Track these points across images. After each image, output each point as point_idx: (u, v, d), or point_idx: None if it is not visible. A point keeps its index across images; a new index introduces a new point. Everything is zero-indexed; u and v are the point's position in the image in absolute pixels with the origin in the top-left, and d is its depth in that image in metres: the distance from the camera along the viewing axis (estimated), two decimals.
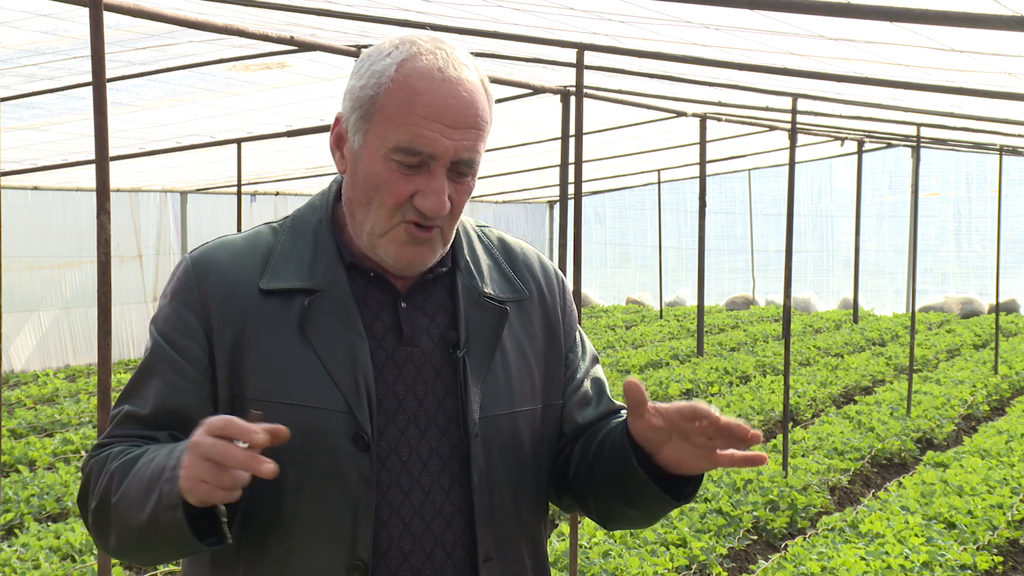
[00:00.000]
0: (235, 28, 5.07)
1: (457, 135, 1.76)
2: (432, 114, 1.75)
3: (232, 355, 1.80)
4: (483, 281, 1.91)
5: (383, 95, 1.77)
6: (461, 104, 1.77)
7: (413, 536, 1.79)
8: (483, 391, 1.84)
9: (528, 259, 2.01)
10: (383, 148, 1.77)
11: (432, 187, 1.76)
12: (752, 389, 11.35)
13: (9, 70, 6.99)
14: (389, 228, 1.80)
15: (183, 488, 1.60)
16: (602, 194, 21.76)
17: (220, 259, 1.85)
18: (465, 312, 1.87)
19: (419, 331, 1.85)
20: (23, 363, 13.53)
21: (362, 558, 1.76)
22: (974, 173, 19.49)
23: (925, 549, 6.06)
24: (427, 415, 1.83)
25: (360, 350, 1.80)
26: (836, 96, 8.34)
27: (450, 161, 1.77)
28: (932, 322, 18.20)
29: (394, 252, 1.81)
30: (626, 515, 1.90)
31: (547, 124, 11.01)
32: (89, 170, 11.43)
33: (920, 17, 3.92)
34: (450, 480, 1.82)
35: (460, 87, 1.77)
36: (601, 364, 2.10)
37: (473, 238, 1.96)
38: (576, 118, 5.64)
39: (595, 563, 5.82)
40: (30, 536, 6.42)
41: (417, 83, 1.76)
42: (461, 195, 1.81)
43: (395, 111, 1.76)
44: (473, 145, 1.78)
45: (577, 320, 2.06)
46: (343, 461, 1.77)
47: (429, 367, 1.84)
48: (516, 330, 1.92)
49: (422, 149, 1.75)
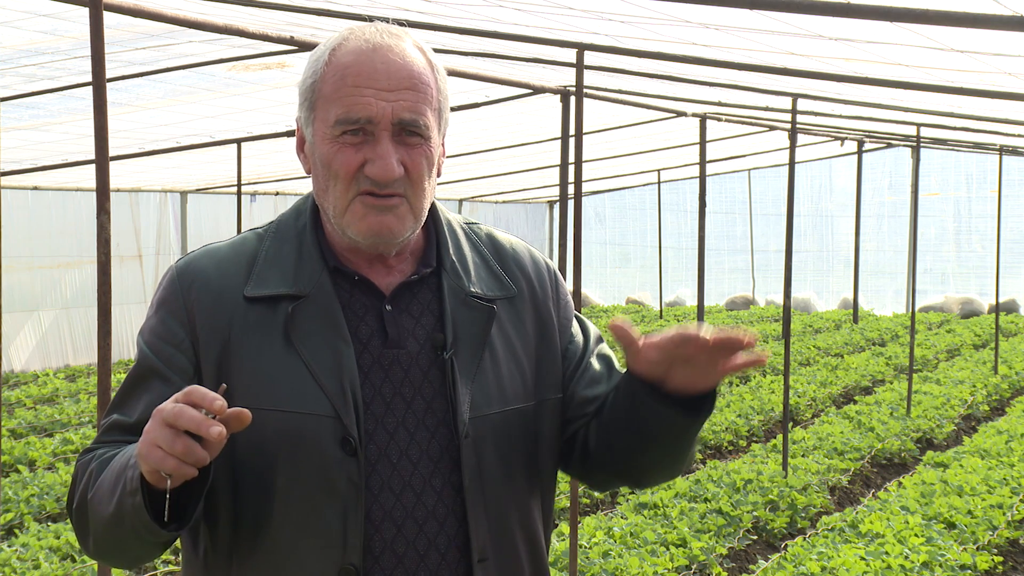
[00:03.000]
0: (235, 28, 5.07)
1: (391, 96, 1.78)
2: (363, 80, 1.78)
3: (219, 363, 1.81)
4: (470, 280, 1.91)
5: (320, 79, 1.82)
6: (392, 67, 1.79)
7: (407, 538, 1.79)
8: (473, 391, 1.84)
9: (518, 255, 1.99)
10: (327, 127, 1.80)
11: (377, 152, 1.78)
12: (752, 389, 11.35)
13: (9, 70, 6.99)
14: (347, 203, 1.80)
15: (139, 454, 1.60)
16: (602, 194, 21.75)
17: (204, 268, 1.86)
18: (452, 313, 1.87)
19: (405, 334, 1.85)
20: (23, 363, 13.53)
21: (353, 563, 1.76)
22: (974, 173, 19.49)
23: (925, 549, 6.06)
24: (416, 417, 1.82)
25: (346, 355, 1.80)
26: (836, 96, 8.34)
27: (391, 124, 1.78)
28: (932, 322, 18.20)
29: (359, 226, 1.81)
30: (656, 461, 1.90)
31: (547, 124, 11.01)
32: (89, 170, 11.43)
33: (920, 17, 3.91)
34: (442, 482, 1.82)
35: (390, 52, 1.80)
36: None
37: (460, 236, 1.95)
38: (576, 118, 5.63)
39: (595, 563, 5.81)
40: (30, 536, 6.42)
41: (346, 58, 1.81)
42: (416, 159, 1.80)
43: (330, 89, 1.80)
44: (412, 106, 1.79)
45: (574, 309, 2.04)
46: (331, 466, 1.77)
47: (416, 369, 1.84)
48: (506, 328, 1.91)
49: (359, 115, 1.77)
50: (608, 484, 2.02)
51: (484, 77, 6.94)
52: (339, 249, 1.87)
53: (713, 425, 9.40)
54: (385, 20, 1.90)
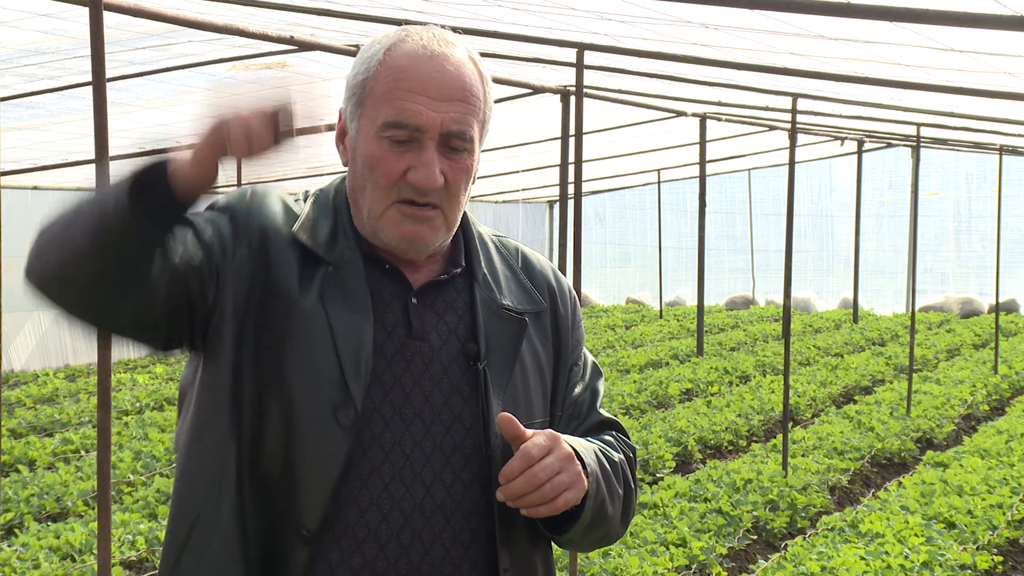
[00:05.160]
0: (235, 28, 5.07)
1: (443, 107, 1.79)
2: (416, 87, 1.79)
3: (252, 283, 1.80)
4: (501, 292, 1.93)
5: (372, 78, 1.82)
6: (446, 77, 1.80)
7: (413, 530, 1.80)
8: (504, 402, 1.86)
9: (545, 271, 2.03)
10: (374, 127, 1.81)
11: (422, 160, 1.79)
12: (752, 389, 11.35)
13: (9, 70, 7.00)
14: (386, 208, 1.82)
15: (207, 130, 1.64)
16: (602, 194, 21.75)
17: (275, 202, 1.88)
18: (484, 324, 1.89)
19: (428, 327, 1.87)
20: (23, 363, 13.53)
21: (308, 528, 1.76)
22: (974, 173, 19.49)
23: (925, 549, 6.06)
24: (433, 411, 1.84)
25: (365, 332, 1.81)
26: (836, 96, 8.34)
27: (438, 134, 1.80)
28: (932, 322, 18.20)
29: (393, 232, 1.83)
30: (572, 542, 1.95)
31: (547, 124, 11.01)
32: (89, 170, 11.42)
33: (920, 17, 3.92)
34: (452, 477, 1.83)
35: (445, 62, 1.81)
36: (600, 364, 2.13)
37: (491, 248, 1.98)
38: (576, 118, 5.64)
39: (595, 563, 5.82)
40: (30, 536, 6.42)
41: (402, 61, 1.81)
42: (457, 172, 1.82)
43: (383, 90, 1.81)
44: (461, 118, 1.81)
45: (583, 332, 2.07)
46: (321, 434, 1.78)
47: (437, 364, 1.85)
48: (533, 342, 1.94)
49: (409, 122, 1.79)
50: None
51: None
52: (369, 239, 1.89)
53: (713, 425, 9.40)
54: (441, 26, 1.90)
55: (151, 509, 6.97)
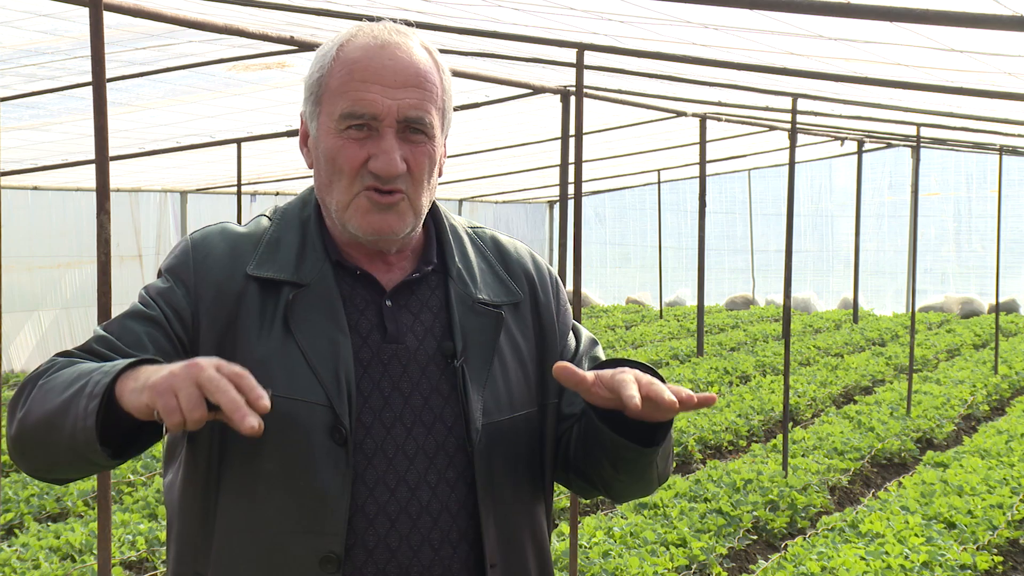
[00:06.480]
0: (235, 28, 5.07)
1: (398, 94, 1.80)
2: (370, 76, 1.81)
3: (220, 341, 1.80)
4: (476, 287, 1.91)
5: (327, 74, 1.84)
6: (399, 64, 1.82)
7: (400, 533, 1.80)
8: (484, 398, 1.85)
9: (522, 259, 2.01)
10: (332, 122, 1.82)
11: (382, 147, 1.79)
12: (752, 389, 11.35)
13: (9, 70, 6.99)
14: (351, 198, 1.82)
15: (151, 385, 1.52)
16: (602, 194, 21.76)
17: (218, 245, 1.87)
18: (460, 320, 1.87)
19: (404, 329, 1.86)
20: (23, 363, 13.53)
21: (334, 551, 1.76)
22: (974, 173, 19.50)
23: (925, 549, 6.07)
24: (413, 413, 1.83)
25: (343, 346, 1.80)
26: (836, 96, 8.34)
27: (395, 121, 1.80)
28: (932, 322, 18.20)
29: (360, 222, 1.82)
30: (620, 481, 1.90)
31: (547, 124, 11.01)
32: (89, 170, 11.43)
33: (920, 17, 3.92)
34: (436, 477, 1.82)
35: (397, 50, 1.83)
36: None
37: (465, 241, 1.96)
38: (576, 118, 5.64)
39: (595, 563, 5.82)
40: (30, 536, 6.42)
41: (354, 53, 1.83)
42: (419, 158, 1.82)
43: (337, 84, 1.82)
44: (418, 104, 1.81)
45: (571, 316, 2.06)
46: (319, 454, 1.77)
47: (415, 365, 1.85)
48: (512, 333, 1.92)
49: (364, 111, 1.80)
50: (586, 493, 2.03)
51: (484, 77, 6.95)
52: (340, 244, 1.88)
53: (713, 425, 9.41)
54: (392, 20, 1.91)
55: (151, 509, 6.98)
